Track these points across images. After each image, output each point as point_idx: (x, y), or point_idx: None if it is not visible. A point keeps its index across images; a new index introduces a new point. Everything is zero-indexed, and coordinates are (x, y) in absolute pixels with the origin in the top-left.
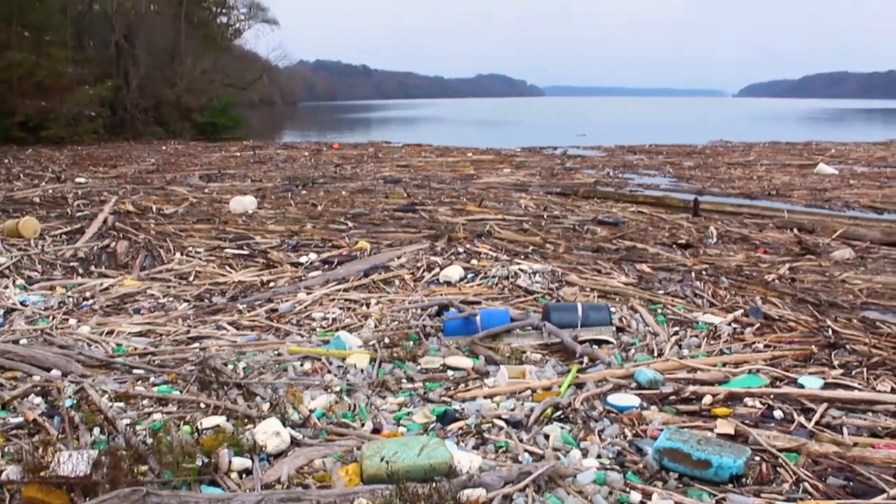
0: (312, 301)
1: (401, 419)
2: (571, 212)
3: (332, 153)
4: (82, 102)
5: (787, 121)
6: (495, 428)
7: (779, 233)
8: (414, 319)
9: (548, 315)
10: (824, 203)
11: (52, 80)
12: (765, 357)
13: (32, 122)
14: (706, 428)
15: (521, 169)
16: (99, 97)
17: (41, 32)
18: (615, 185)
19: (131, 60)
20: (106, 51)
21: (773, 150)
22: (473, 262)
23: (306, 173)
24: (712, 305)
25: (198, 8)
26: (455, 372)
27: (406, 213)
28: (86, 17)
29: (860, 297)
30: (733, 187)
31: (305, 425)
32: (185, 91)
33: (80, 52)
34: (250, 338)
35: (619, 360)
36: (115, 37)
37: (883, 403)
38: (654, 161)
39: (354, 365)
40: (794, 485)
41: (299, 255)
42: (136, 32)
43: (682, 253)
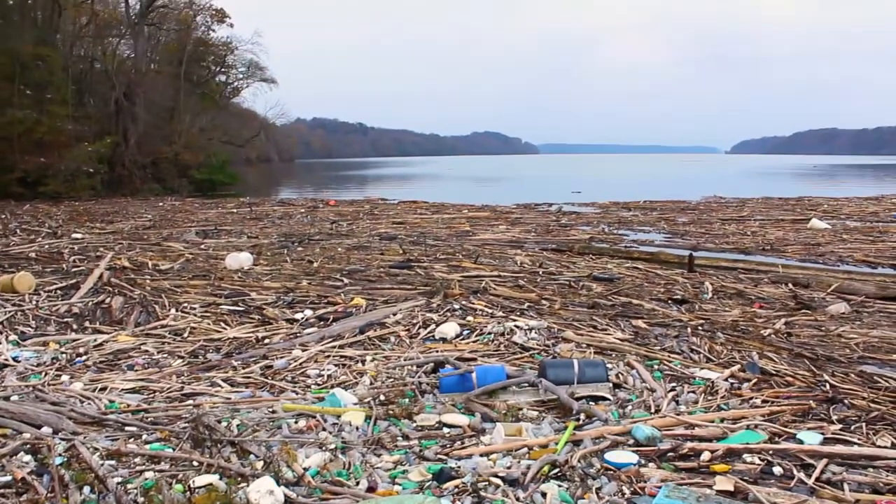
0: (308, 358)
1: (396, 477)
2: (567, 268)
3: (328, 210)
4: (81, 159)
5: (779, 176)
6: (492, 486)
7: (774, 287)
8: (410, 376)
9: (544, 372)
10: (818, 258)
11: (52, 136)
12: (763, 412)
13: (31, 177)
14: (705, 485)
15: (516, 225)
16: (97, 154)
17: (43, 90)
18: (610, 242)
19: (130, 118)
20: (105, 108)
21: (767, 206)
22: (469, 318)
23: (302, 230)
24: (709, 361)
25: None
26: (451, 429)
27: (402, 270)
28: (87, 75)
29: (857, 351)
30: (728, 242)
31: (300, 484)
32: (182, 148)
33: (80, 109)
34: (245, 395)
35: (616, 417)
36: (115, 94)
37: (883, 459)
38: (649, 217)
39: (350, 422)
40: None
41: (295, 312)
42: (135, 90)
43: (677, 308)
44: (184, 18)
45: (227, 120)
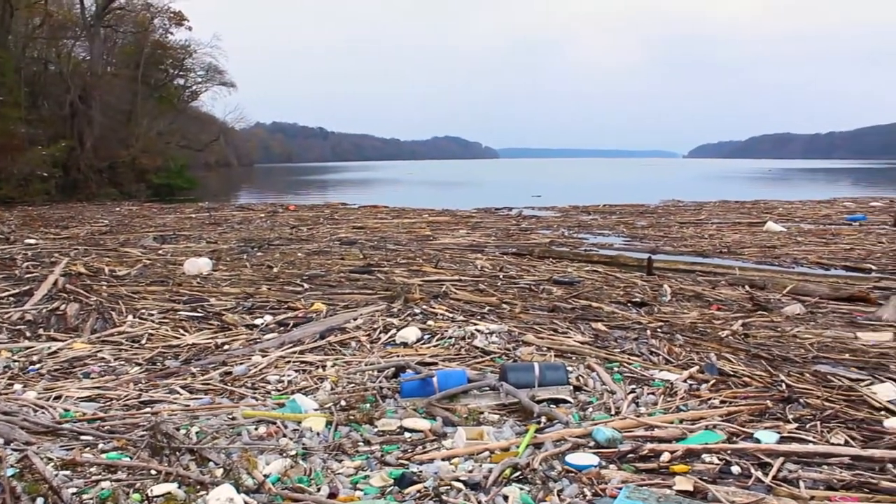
0: (268, 364)
1: (358, 483)
2: (527, 272)
3: (288, 215)
4: (34, 163)
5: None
6: (454, 490)
7: (731, 290)
8: (370, 381)
9: (505, 375)
10: (774, 260)
11: (4, 139)
12: (721, 413)
13: None
14: (665, 485)
15: (476, 230)
16: (52, 158)
17: None
18: (570, 245)
19: (86, 121)
20: (60, 111)
21: (723, 209)
22: (430, 323)
23: (262, 235)
24: (668, 363)
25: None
26: (412, 434)
27: (362, 275)
28: (40, 77)
29: (811, 351)
30: (686, 245)
31: (260, 491)
32: (140, 152)
33: (33, 111)
34: (204, 401)
35: (576, 419)
36: (70, 97)
37: (837, 456)
38: (608, 221)
39: (310, 428)
40: None
41: (254, 318)
42: (91, 93)
43: (637, 311)
44: (141, 21)
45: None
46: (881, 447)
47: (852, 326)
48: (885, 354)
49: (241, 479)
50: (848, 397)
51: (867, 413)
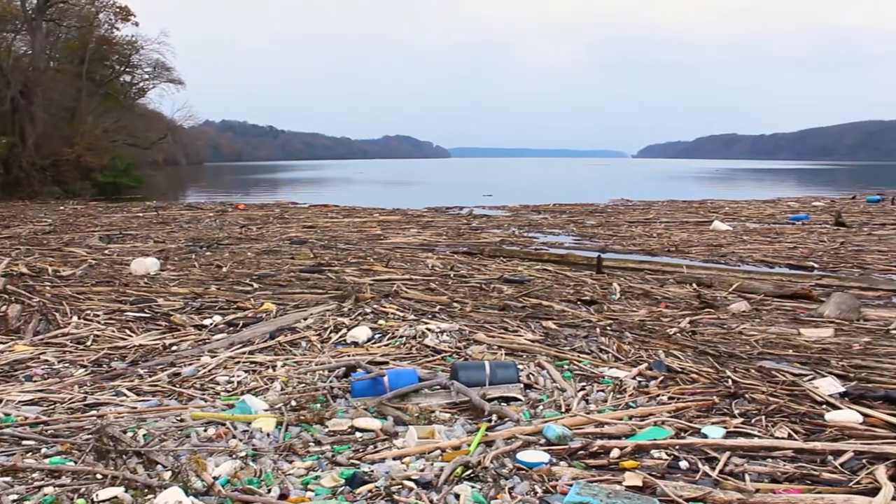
0: (217, 364)
1: (309, 483)
2: (478, 271)
3: (238, 214)
4: None
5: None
6: (405, 489)
7: (679, 288)
8: (321, 381)
9: (456, 374)
10: (720, 258)
11: None
12: (669, 409)
13: None
14: (615, 481)
15: (427, 229)
16: None
17: None
18: (520, 244)
19: (28, 117)
20: (0, 107)
21: (671, 208)
22: (381, 322)
23: (211, 234)
24: (617, 360)
25: (100, 66)
26: (363, 433)
27: (312, 274)
28: None
29: (756, 347)
30: (634, 244)
31: (209, 493)
32: (85, 150)
33: None
34: (151, 403)
35: (527, 417)
36: (10, 93)
37: (781, 449)
38: (558, 220)
39: (260, 429)
40: None
41: (203, 318)
42: (33, 89)
43: (586, 309)
44: (86, 15)
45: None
46: (822, 440)
47: (795, 323)
48: (826, 350)
49: (189, 481)
50: (791, 392)
51: (809, 407)
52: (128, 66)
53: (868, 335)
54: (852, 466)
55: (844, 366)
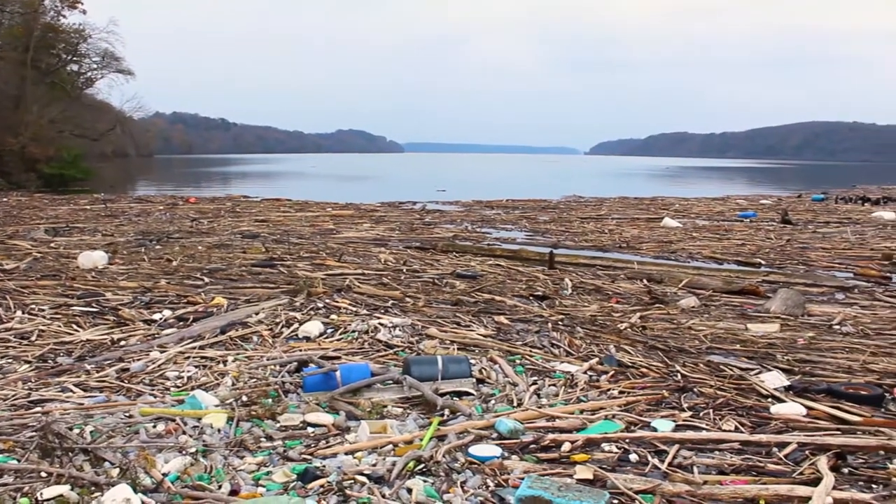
0: (166, 359)
1: (260, 479)
2: (431, 266)
3: (189, 207)
4: None
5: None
6: (357, 484)
7: (630, 283)
8: (273, 376)
9: (408, 369)
10: (670, 255)
11: None
12: (619, 403)
13: None
14: (566, 474)
15: (380, 223)
16: None
17: None
18: (473, 240)
19: None
20: None
21: (623, 205)
22: (333, 316)
23: (161, 228)
24: (569, 355)
25: (46, 54)
26: (315, 428)
27: (264, 269)
28: None
29: (705, 342)
30: (586, 240)
31: (158, 490)
32: (30, 140)
33: None
34: (99, 399)
35: (479, 412)
36: None
37: (728, 442)
38: (511, 215)
39: (211, 425)
40: None
41: (153, 312)
42: None
43: (538, 304)
44: (30, 2)
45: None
46: (768, 432)
47: (743, 318)
48: (772, 344)
49: (138, 478)
50: (738, 386)
51: (756, 400)
52: (75, 55)
53: (812, 330)
54: (796, 457)
55: (789, 360)
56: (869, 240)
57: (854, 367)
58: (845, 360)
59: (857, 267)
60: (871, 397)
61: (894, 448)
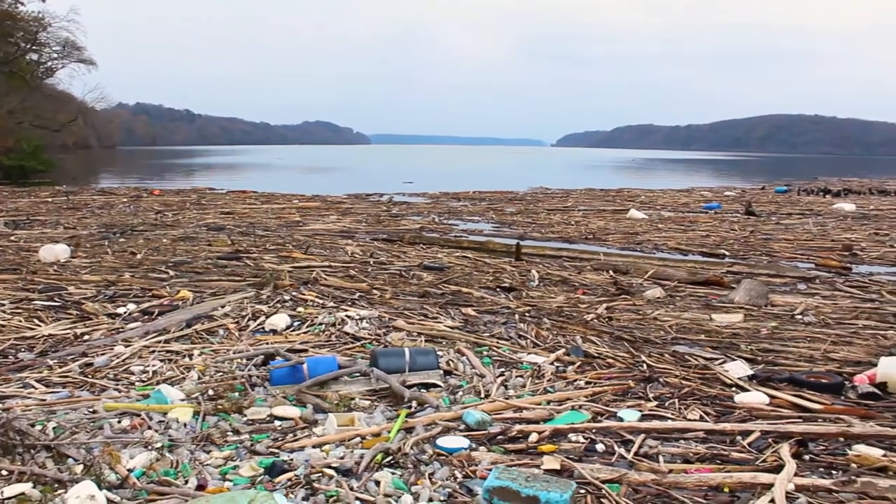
0: (131, 354)
1: (227, 473)
2: (397, 258)
3: (153, 199)
4: None
5: (601, 169)
6: (325, 477)
7: (596, 274)
8: (239, 370)
9: (375, 361)
10: (636, 246)
11: None
12: (586, 393)
13: None
14: (533, 465)
15: (347, 215)
16: None
17: None
18: (440, 231)
19: None
20: None
21: (589, 197)
22: (300, 309)
23: (125, 220)
24: (536, 346)
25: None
26: (282, 422)
27: (230, 261)
28: None
29: (670, 332)
30: (553, 232)
31: (124, 486)
32: None
33: None
34: (62, 395)
35: (447, 403)
36: None
37: (693, 431)
38: (478, 207)
39: (177, 419)
40: None
41: (117, 306)
42: None
43: (505, 296)
44: None
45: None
46: (732, 421)
47: (707, 308)
48: (736, 335)
49: (102, 474)
50: (703, 375)
51: (720, 390)
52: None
53: (775, 320)
54: (759, 445)
55: (753, 350)
56: (830, 231)
57: (815, 356)
58: (807, 349)
59: (819, 258)
60: (832, 385)
61: (854, 435)
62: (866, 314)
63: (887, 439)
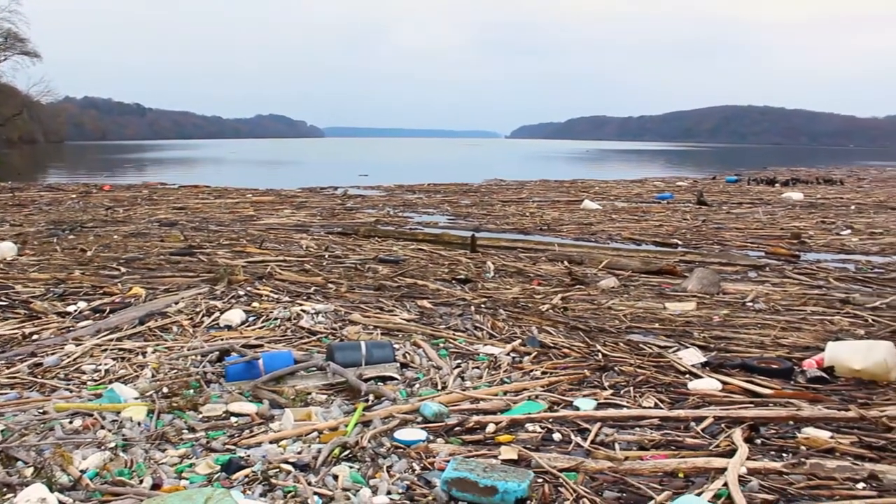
0: (82, 353)
1: (183, 472)
2: (353, 251)
3: (103, 195)
4: None
5: (555, 160)
6: (283, 473)
7: (551, 265)
8: (194, 366)
9: (332, 355)
10: (590, 236)
11: None
12: (542, 383)
13: None
14: (491, 455)
15: (301, 209)
16: None
17: None
18: (395, 224)
19: None
20: None
21: (544, 188)
22: (255, 304)
23: (74, 217)
24: (492, 337)
25: None
26: (239, 418)
27: (183, 257)
28: None
29: (625, 321)
30: (508, 223)
31: (76, 488)
32: None
33: None
34: (10, 397)
35: (404, 396)
36: None
37: (648, 418)
38: (433, 200)
39: (131, 418)
40: (575, 502)
41: (67, 305)
42: None
43: (461, 288)
44: None
45: None
46: (686, 408)
47: (661, 297)
48: (689, 323)
49: (54, 477)
50: (657, 363)
51: (674, 377)
52: None
53: (727, 308)
54: (712, 431)
55: (706, 337)
56: (779, 220)
57: (766, 343)
58: (758, 335)
59: (769, 246)
60: (782, 370)
61: (803, 418)
62: (814, 300)
63: (834, 422)
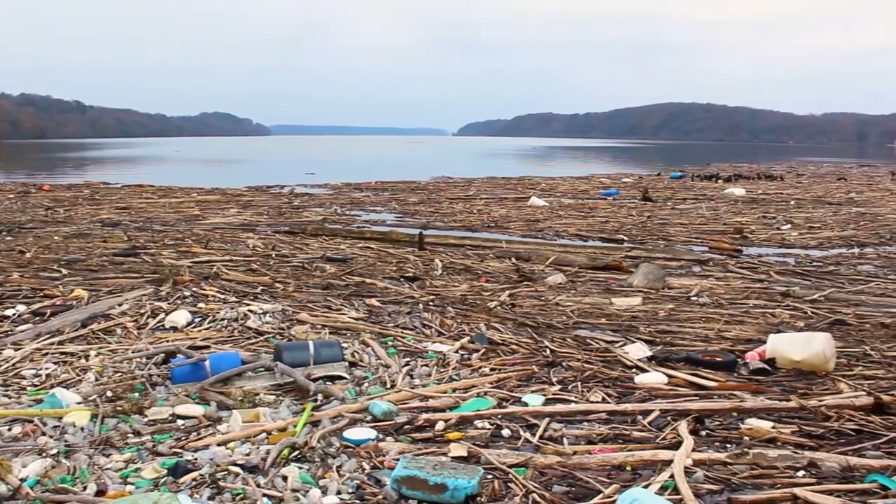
0: (22, 357)
1: (128, 477)
2: (300, 250)
3: (43, 195)
4: None
5: (502, 157)
6: (231, 475)
7: (498, 262)
8: (139, 369)
9: (279, 355)
10: (538, 233)
11: None
12: (491, 380)
13: None
14: (441, 453)
15: (248, 208)
16: None
17: None
18: (343, 222)
19: None
20: None
21: (491, 185)
22: (201, 305)
23: (11, 217)
24: (440, 335)
25: None
26: (185, 421)
27: (127, 258)
28: None
29: (572, 317)
30: (456, 220)
31: (16, 497)
32: None
33: None
34: None
35: (353, 395)
36: None
37: (596, 413)
38: (381, 197)
39: (73, 423)
40: (524, 497)
41: (5, 308)
42: None
43: (409, 286)
44: None
45: None
46: (632, 401)
47: (608, 293)
48: (635, 317)
49: None
50: (604, 358)
51: (621, 371)
52: None
53: (672, 302)
54: (659, 424)
55: (651, 331)
56: (722, 215)
57: (710, 336)
58: (702, 329)
59: (712, 241)
60: (725, 363)
61: (746, 409)
62: (756, 294)
63: (776, 412)
